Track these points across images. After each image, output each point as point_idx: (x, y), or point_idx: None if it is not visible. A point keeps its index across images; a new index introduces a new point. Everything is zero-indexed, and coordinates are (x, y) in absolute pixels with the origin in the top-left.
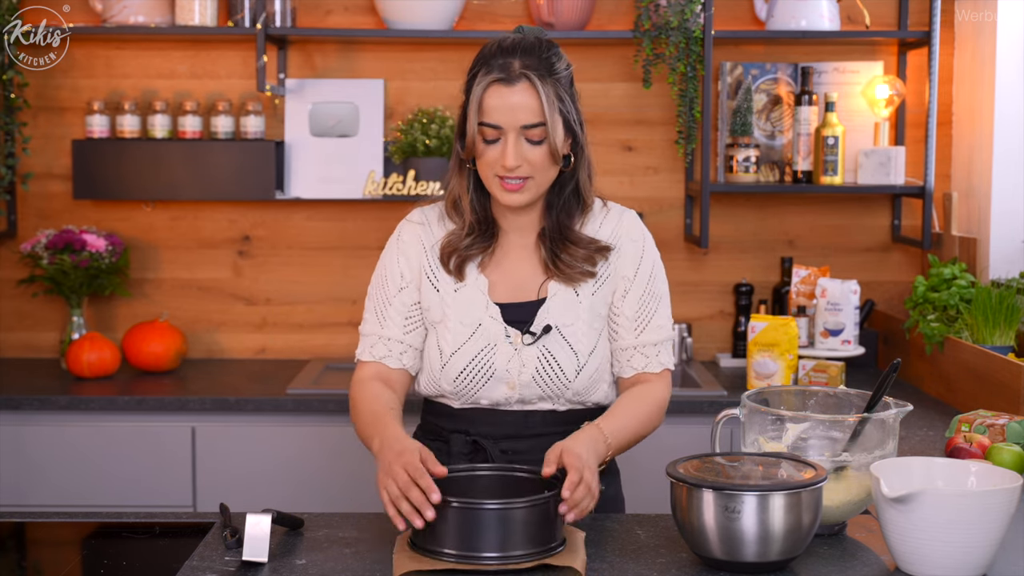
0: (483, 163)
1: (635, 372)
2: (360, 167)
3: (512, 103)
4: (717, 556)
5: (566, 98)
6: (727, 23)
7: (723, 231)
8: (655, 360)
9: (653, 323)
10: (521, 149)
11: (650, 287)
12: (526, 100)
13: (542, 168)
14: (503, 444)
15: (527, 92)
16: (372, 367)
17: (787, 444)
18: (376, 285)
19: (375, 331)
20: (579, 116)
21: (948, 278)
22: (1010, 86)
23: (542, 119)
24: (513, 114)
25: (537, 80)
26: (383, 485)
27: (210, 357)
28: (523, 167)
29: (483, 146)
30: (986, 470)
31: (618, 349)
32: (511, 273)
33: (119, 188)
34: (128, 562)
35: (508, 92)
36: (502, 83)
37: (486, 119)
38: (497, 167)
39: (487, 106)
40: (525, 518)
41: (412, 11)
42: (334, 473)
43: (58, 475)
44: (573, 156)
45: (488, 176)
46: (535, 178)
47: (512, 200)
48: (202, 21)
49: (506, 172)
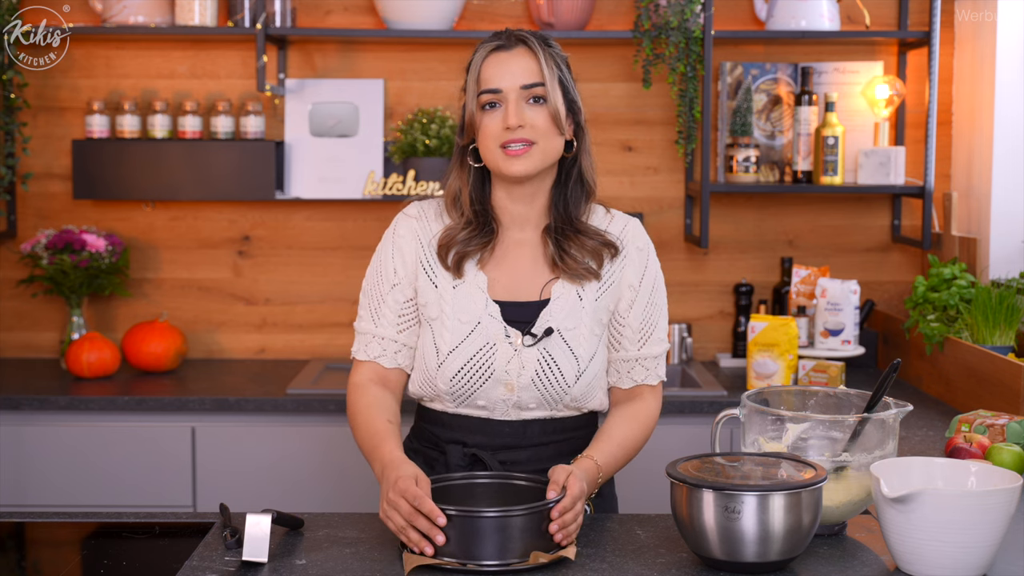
0: (485, 135)
1: (634, 384)
2: (360, 167)
3: (511, 65)
4: (717, 556)
5: (565, 71)
6: (727, 23)
7: (723, 231)
8: (654, 372)
9: (655, 335)
10: (522, 110)
11: (653, 298)
12: (524, 62)
13: (545, 133)
14: (501, 455)
15: (525, 55)
16: (368, 367)
17: (787, 444)
18: (370, 281)
19: (369, 329)
20: (578, 97)
21: (948, 278)
22: (1010, 86)
23: (541, 79)
24: (512, 75)
25: (535, 44)
26: (387, 517)
27: (210, 357)
28: (526, 129)
29: (483, 116)
30: (986, 470)
31: (619, 360)
32: (511, 271)
33: (119, 188)
34: (128, 562)
35: (506, 56)
36: (500, 50)
37: (486, 85)
38: (499, 134)
39: (486, 74)
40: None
41: (412, 11)
42: (334, 473)
43: (58, 475)
44: (575, 141)
45: (491, 149)
46: (539, 143)
47: (516, 167)
48: (202, 21)
49: (509, 135)
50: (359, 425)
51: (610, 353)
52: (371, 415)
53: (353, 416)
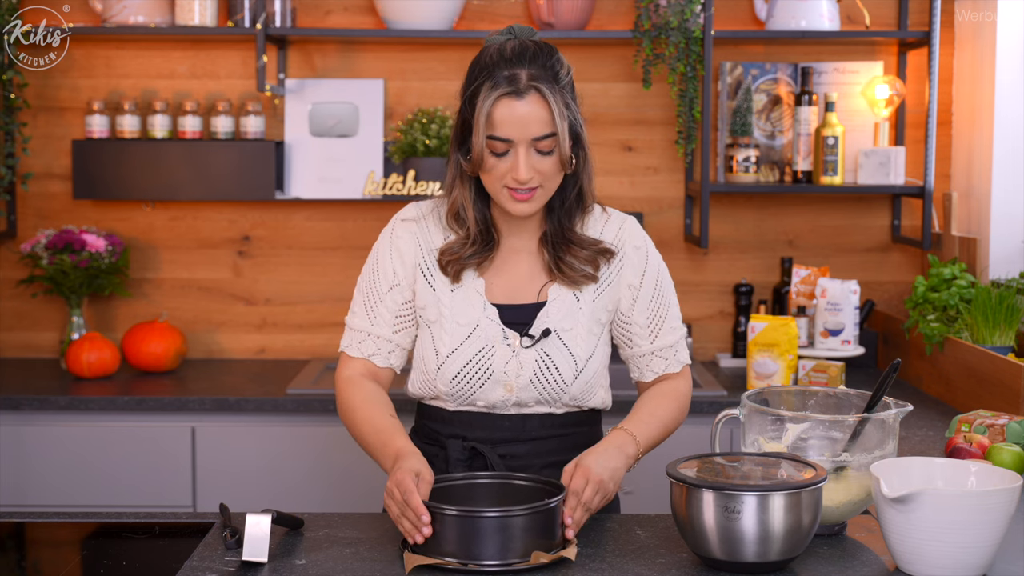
0: (491, 176)
1: (656, 375)
2: (360, 167)
3: (522, 116)
4: (717, 556)
5: (572, 105)
6: (727, 23)
7: (723, 231)
8: (674, 360)
9: (667, 326)
10: (532, 160)
11: (658, 291)
12: (537, 112)
13: (551, 177)
14: (500, 449)
15: (537, 104)
16: (359, 363)
17: (787, 444)
18: (367, 279)
19: (364, 327)
20: (581, 120)
21: (948, 278)
22: (1010, 86)
23: (553, 130)
24: (524, 127)
25: (547, 91)
26: (387, 505)
27: (210, 357)
28: (534, 178)
29: (492, 160)
30: (986, 470)
31: (635, 356)
32: (509, 275)
33: (119, 188)
34: (128, 562)
35: (518, 105)
36: (511, 96)
37: (496, 133)
38: (507, 179)
39: (496, 120)
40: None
41: (412, 11)
42: (334, 473)
43: (58, 475)
44: (576, 159)
45: (496, 188)
46: (544, 187)
47: (522, 210)
48: (202, 21)
49: (518, 184)
50: (360, 420)
51: (625, 351)
52: (373, 411)
53: (351, 411)
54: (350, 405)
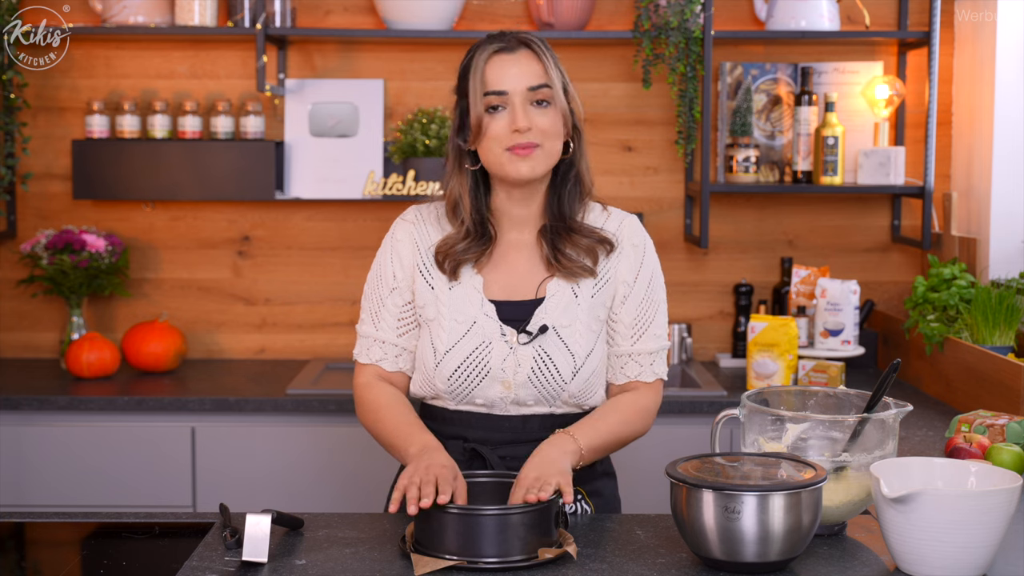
0: (489, 138)
1: (627, 380)
2: (360, 167)
3: (516, 67)
4: (717, 556)
5: (564, 74)
6: (727, 23)
7: (723, 231)
8: (649, 369)
9: (650, 331)
10: (529, 112)
11: (649, 294)
12: (529, 65)
13: (550, 135)
14: (501, 450)
15: (529, 57)
16: (371, 369)
17: (787, 444)
18: (371, 285)
19: (370, 333)
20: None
21: (948, 278)
22: (1010, 86)
23: (547, 81)
24: (518, 77)
25: (537, 47)
26: (407, 473)
27: (210, 357)
28: (532, 132)
29: (488, 118)
30: (986, 470)
31: (613, 355)
32: (507, 271)
33: (119, 188)
34: (128, 562)
35: (511, 59)
36: (504, 52)
37: (491, 87)
38: (504, 137)
39: (490, 76)
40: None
41: (412, 11)
42: (334, 473)
43: (58, 475)
44: (572, 143)
45: (495, 152)
46: (543, 146)
47: (522, 169)
48: (202, 21)
49: (516, 139)
50: (386, 418)
51: (607, 349)
52: (397, 409)
53: (375, 411)
54: (373, 406)
